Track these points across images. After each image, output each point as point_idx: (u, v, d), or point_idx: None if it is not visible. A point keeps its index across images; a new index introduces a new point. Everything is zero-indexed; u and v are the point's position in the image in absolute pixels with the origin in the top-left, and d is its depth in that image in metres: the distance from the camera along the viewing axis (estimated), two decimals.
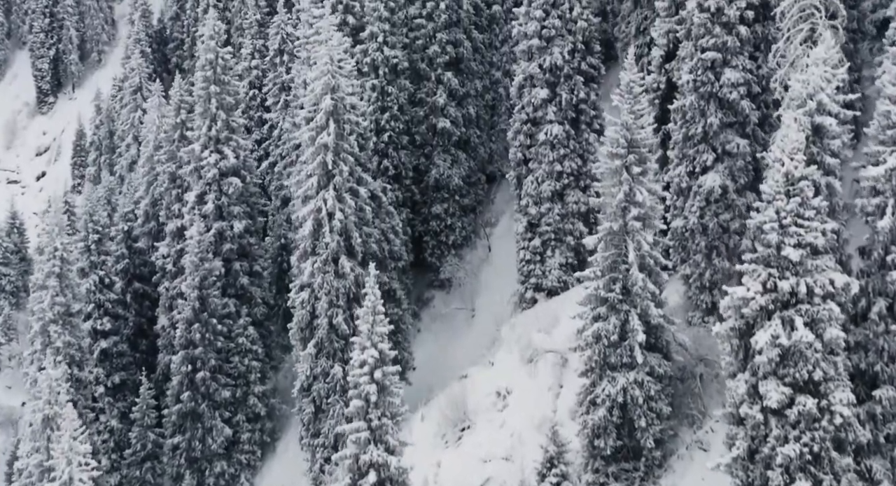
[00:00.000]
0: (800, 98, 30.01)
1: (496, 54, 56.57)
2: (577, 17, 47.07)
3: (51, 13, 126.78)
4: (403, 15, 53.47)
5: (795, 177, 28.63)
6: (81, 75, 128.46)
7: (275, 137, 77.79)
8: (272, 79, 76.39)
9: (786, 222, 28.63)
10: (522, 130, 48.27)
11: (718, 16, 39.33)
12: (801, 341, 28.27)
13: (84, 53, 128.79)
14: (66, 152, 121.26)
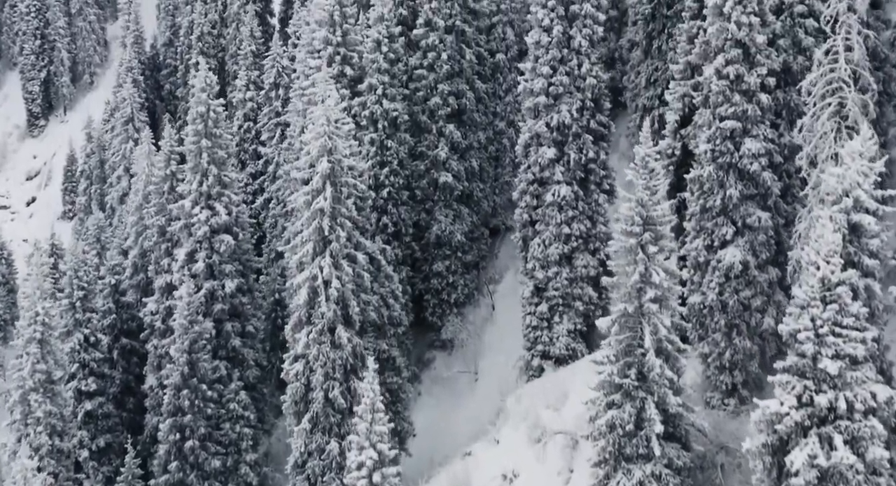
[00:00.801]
0: (835, 194, 27.74)
1: (500, 104, 54.28)
2: (585, 74, 44.77)
3: (42, 35, 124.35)
4: (404, 66, 51.11)
5: (832, 282, 26.36)
6: (73, 98, 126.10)
7: (270, 172, 76.19)
8: (267, 113, 74.80)
9: (822, 331, 26.36)
10: (529, 191, 45.96)
11: (738, 83, 37.09)
12: (842, 462, 25.98)
13: (76, 75, 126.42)
14: (56, 177, 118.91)
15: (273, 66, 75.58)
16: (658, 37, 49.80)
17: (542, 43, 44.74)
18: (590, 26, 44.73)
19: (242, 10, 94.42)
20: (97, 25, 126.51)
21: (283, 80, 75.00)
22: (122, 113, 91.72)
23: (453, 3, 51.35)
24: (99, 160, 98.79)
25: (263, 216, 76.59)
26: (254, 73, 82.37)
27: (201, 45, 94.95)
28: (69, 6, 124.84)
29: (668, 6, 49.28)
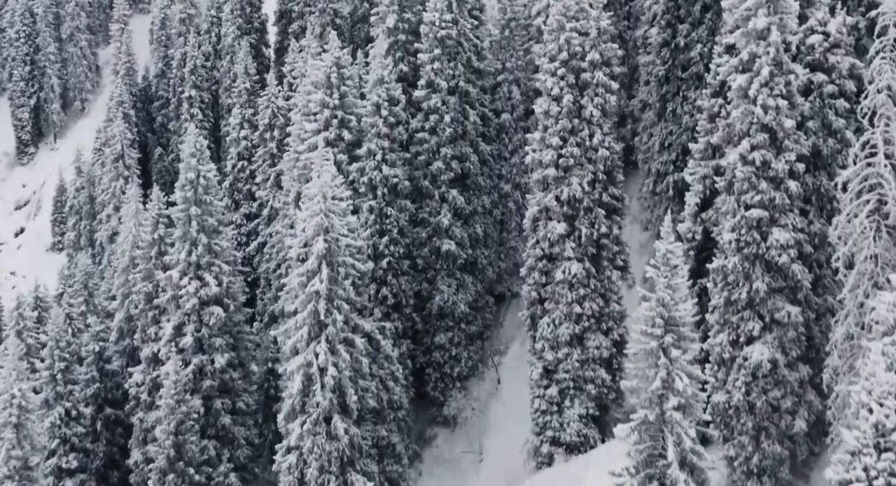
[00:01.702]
0: (886, 323, 25.07)
1: (505, 166, 51.55)
2: (598, 145, 42.15)
3: (32, 61, 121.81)
4: (404, 128, 48.42)
5: (887, 428, 23.68)
6: (64, 125, 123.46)
7: (264, 216, 73.68)
8: (262, 154, 72.55)
9: (877, 484, 23.67)
10: (537, 267, 43.29)
11: (764, 170, 34.53)
12: None
13: (66, 102, 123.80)
14: (46, 207, 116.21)
15: (268, 107, 73.42)
16: (672, 100, 47.19)
17: (551, 112, 42.14)
18: (602, 95, 42.14)
19: (237, 42, 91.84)
20: (88, 51, 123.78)
21: (277, 120, 72.93)
22: (112, 150, 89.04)
23: (456, 63, 48.62)
24: (89, 196, 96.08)
25: (258, 261, 74.39)
26: (248, 110, 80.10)
27: (194, 79, 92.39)
28: (60, 32, 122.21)
29: (682, 68, 46.69)
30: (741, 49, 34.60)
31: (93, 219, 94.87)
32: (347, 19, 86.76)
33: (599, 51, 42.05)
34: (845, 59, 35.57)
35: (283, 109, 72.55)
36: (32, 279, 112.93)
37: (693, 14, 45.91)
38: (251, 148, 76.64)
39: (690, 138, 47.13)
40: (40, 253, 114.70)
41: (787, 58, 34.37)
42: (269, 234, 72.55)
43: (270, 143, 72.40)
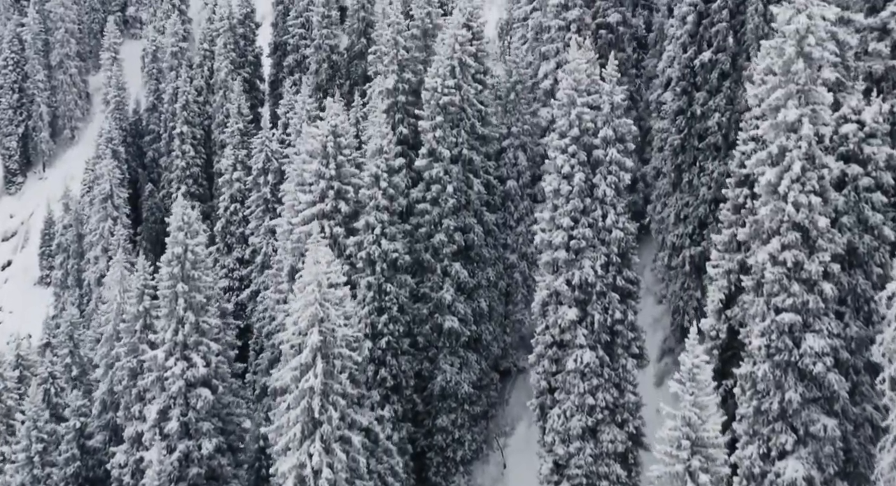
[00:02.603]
0: None
1: (511, 235, 48.85)
2: (611, 226, 39.44)
3: (20, 88, 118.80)
4: (404, 199, 45.67)
5: None
6: (53, 154, 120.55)
7: (258, 263, 71.22)
8: (255, 199, 70.16)
9: None
10: (547, 355, 40.55)
11: (797, 271, 31.86)
12: None
13: (56, 130, 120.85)
14: (34, 238, 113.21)
15: (262, 150, 71.11)
16: (689, 170, 44.55)
17: (561, 191, 39.43)
18: (616, 173, 39.45)
19: (230, 77, 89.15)
20: (78, 78, 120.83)
21: (271, 164, 70.61)
22: (100, 189, 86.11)
23: (459, 129, 45.85)
24: (76, 234, 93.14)
25: (250, 310, 71.92)
26: (241, 151, 77.75)
27: (186, 114, 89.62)
28: (49, 59, 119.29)
29: (699, 138, 44.04)
30: (770, 141, 31.97)
31: (80, 258, 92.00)
32: (344, 55, 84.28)
33: (613, 127, 39.38)
34: (882, 150, 32.91)
35: (276, 153, 70.49)
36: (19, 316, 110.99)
37: (710, 82, 43.29)
38: (244, 190, 74.39)
39: (708, 211, 44.62)
40: (27, 287, 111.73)
41: (820, 150, 31.76)
42: (262, 282, 70.28)
43: (264, 188, 70.13)
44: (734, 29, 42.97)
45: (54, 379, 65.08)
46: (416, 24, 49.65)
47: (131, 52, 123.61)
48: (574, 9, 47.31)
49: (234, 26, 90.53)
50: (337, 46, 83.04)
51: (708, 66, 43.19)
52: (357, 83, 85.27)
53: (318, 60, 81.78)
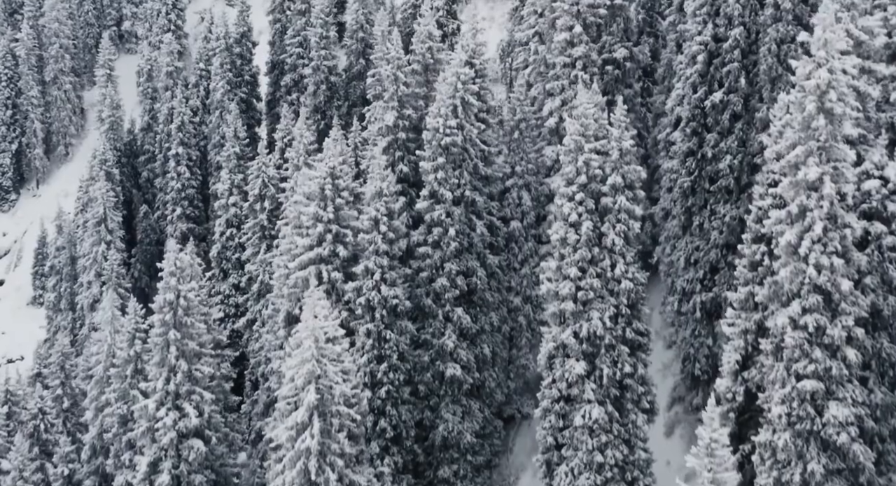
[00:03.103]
0: None
1: (515, 277, 47.29)
2: (620, 276, 37.86)
3: (14, 104, 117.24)
4: (405, 243, 44.08)
5: None
6: (46, 170, 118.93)
7: (254, 291, 69.85)
8: (252, 226, 68.85)
9: None
10: (553, 410, 38.91)
11: (818, 336, 30.30)
12: None
13: (50, 147, 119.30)
14: (27, 258, 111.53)
15: (258, 176, 69.76)
16: (699, 213, 43.02)
17: (568, 240, 37.85)
18: (625, 222, 37.87)
19: (226, 97, 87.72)
20: (73, 94, 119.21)
21: (268, 190, 69.31)
22: (94, 213, 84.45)
23: (462, 170, 44.25)
24: (70, 257, 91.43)
25: (246, 339, 70.52)
26: (237, 175, 76.51)
27: (181, 135, 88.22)
28: (43, 74, 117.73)
29: (710, 180, 42.49)
30: (789, 200, 30.44)
31: (74, 281, 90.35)
32: (342, 76, 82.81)
33: (622, 173, 37.81)
34: None
35: (273, 179, 69.24)
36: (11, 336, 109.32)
37: (721, 123, 41.76)
38: (240, 215, 73.06)
39: (720, 256, 43.11)
40: (20, 307, 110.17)
41: (842, 208, 30.24)
42: (258, 311, 68.96)
43: (261, 214, 68.93)
44: (746, 69, 41.48)
45: (44, 415, 63.70)
46: (417, 59, 48.13)
47: (127, 67, 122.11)
48: (580, 46, 45.75)
49: (231, 46, 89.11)
50: (335, 67, 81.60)
51: (719, 107, 41.67)
52: (355, 104, 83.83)
53: (315, 82, 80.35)
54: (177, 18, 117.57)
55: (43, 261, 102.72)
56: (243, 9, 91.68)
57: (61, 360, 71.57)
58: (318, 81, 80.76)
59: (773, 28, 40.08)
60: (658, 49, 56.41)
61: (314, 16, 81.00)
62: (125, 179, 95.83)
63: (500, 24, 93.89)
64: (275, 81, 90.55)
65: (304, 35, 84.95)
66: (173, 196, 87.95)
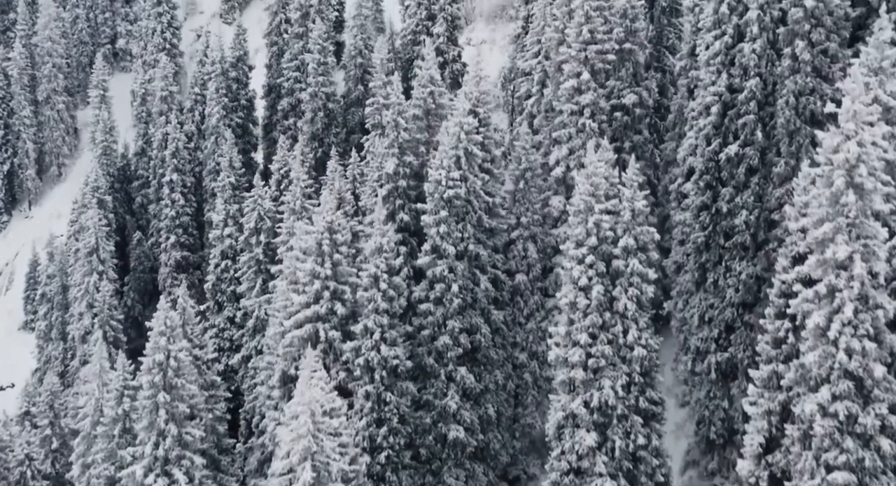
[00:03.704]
0: None
1: (520, 332, 45.37)
2: (633, 343, 35.99)
3: (5, 125, 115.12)
4: (406, 300, 42.18)
5: None
6: (39, 191, 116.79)
7: (249, 327, 68.13)
8: (247, 261, 67.04)
9: None
10: (563, 483, 36.93)
11: (850, 424, 28.44)
12: None
13: (42, 167, 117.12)
14: (18, 281, 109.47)
15: (254, 209, 68.05)
16: (713, 269, 41.11)
17: (578, 305, 35.94)
18: (637, 286, 35.98)
19: (222, 123, 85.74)
20: (66, 114, 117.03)
21: (264, 223, 67.57)
22: (85, 242, 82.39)
23: (465, 223, 42.35)
24: (61, 285, 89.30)
25: (241, 375, 68.73)
26: (233, 206, 74.69)
27: (176, 162, 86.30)
28: (35, 94, 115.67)
29: (725, 236, 40.59)
30: (817, 278, 28.60)
31: (65, 310, 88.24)
32: (340, 102, 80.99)
33: (634, 235, 35.94)
34: None
35: (269, 212, 67.60)
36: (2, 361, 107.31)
37: (737, 177, 39.86)
38: (235, 247, 71.31)
39: (735, 315, 41.19)
40: (12, 331, 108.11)
41: (873, 288, 28.39)
42: (254, 347, 67.24)
43: (256, 248, 67.16)
44: (763, 122, 39.58)
45: (31, 461, 61.95)
46: (418, 104, 46.22)
47: (121, 86, 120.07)
48: (588, 93, 43.82)
49: (227, 70, 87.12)
50: (333, 94, 79.79)
51: (734, 160, 39.77)
52: (354, 131, 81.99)
53: (313, 108, 78.49)
54: (172, 37, 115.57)
55: (35, 285, 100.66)
56: (239, 32, 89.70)
57: (50, 399, 69.81)
58: (316, 107, 78.93)
59: (791, 80, 38.23)
60: (666, 85, 54.67)
61: (312, 41, 79.11)
62: (118, 204, 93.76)
63: (501, 47, 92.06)
64: (271, 105, 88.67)
65: (301, 59, 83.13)
66: (167, 224, 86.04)
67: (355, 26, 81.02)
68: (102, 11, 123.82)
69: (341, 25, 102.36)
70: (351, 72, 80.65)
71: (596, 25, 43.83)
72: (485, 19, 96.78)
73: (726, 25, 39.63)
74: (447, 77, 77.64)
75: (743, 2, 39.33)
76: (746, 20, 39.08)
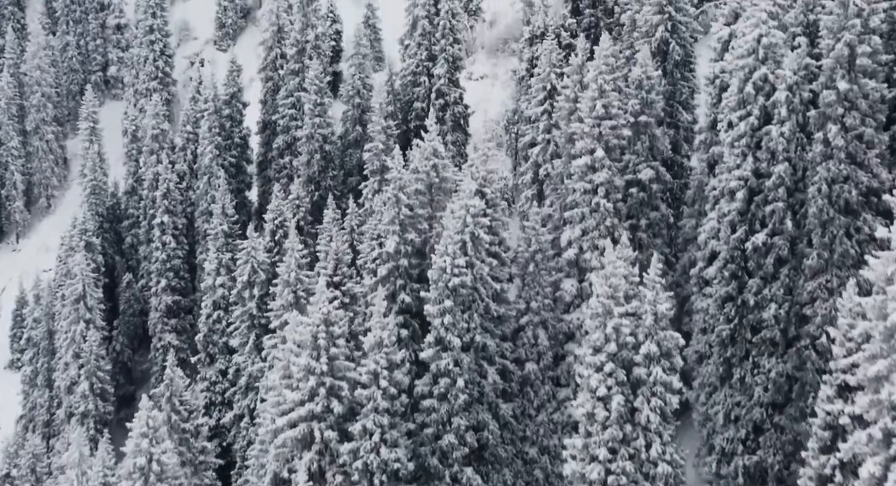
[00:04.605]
0: None
1: (531, 425, 42.43)
2: (656, 459, 33.12)
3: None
4: (407, 397, 39.27)
5: None
6: (27, 224, 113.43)
7: (241, 384, 65.54)
8: (240, 315, 64.61)
9: None
10: None
11: None
12: None
13: (30, 199, 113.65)
14: (5, 318, 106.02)
15: (247, 262, 65.68)
16: (740, 365, 38.26)
17: (597, 417, 33.12)
18: (661, 395, 33.20)
19: (215, 162, 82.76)
20: (55, 144, 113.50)
21: (257, 276, 65.20)
22: (72, 290, 79.31)
23: (472, 312, 39.44)
24: (47, 330, 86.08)
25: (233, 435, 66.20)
26: (225, 255, 72.26)
27: (167, 203, 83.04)
28: (24, 124, 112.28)
29: (752, 330, 37.74)
30: (871, 420, 25.81)
31: (51, 355, 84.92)
32: (337, 144, 78.10)
33: (657, 340, 33.16)
34: None
35: (263, 264, 65.14)
36: None
37: (765, 268, 37.01)
38: (228, 297, 68.75)
39: (765, 416, 38.30)
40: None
41: None
42: (246, 405, 64.68)
43: (249, 302, 64.87)
44: (792, 209, 36.79)
45: None
46: (421, 178, 43.35)
47: (113, 115, 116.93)
48: (602, 171, 40.82)
49: (220, 108, 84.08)
50: (330, 135, 76.87)
51: (762, 250, 36.92)
52: (351, 173, 78.99)
53: (309, 151, 75.48)
54: (165, 65, 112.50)
55: (21, 323, 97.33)
56: (233, 68, 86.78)
57: (32, 462, 67.25)
58: (312, 149, 76.07)
59: (824, 166, 35.45)
60: (679, 142, 51.97)
61: (308, 81, 76.25)
62: (107, 245, 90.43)
63: (503, 82, 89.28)
64: (266, 142, 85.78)
65: (297, 96, 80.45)
66: (158, 267, 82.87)
67: (353, 65, 78.10)
68: (93, 38, 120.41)
69: (338, 55, 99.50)
70: (349, 112, 77.71)
71: (611, 100, 41.03)
72: (486, 52, 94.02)
73: (752, 106, 36.81)
74: (448, 119, 75.07)
75: (769, 81, 36.52)
76: (774, 101, 36.31)
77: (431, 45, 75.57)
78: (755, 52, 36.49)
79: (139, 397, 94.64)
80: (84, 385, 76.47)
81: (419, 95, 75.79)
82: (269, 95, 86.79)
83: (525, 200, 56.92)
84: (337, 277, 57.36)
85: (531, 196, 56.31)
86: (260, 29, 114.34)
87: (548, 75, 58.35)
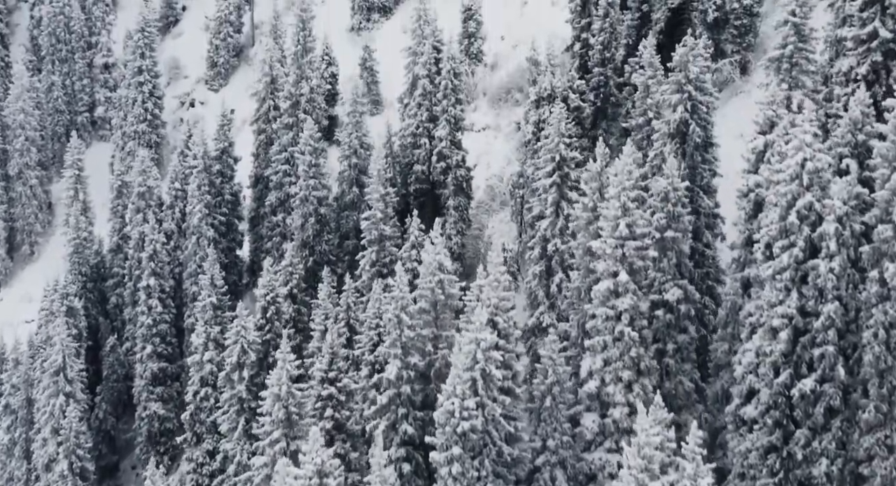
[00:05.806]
0: None
1: None
2: None
3: None
4: None
5: None
6: (9, 272, 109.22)
7: (230, 472, 61.97)
8: (228, 399, 61.22)
9: None
10: None
11: None
12: None
13: (13, 246, 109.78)
14: None
15: (237, 342, 62.47)
16: None
17: None
18: None
19: (204, 222, 78.81)
20: (39, 189, 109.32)
21: (247, 358, 61.85)
22: (52, 361, 74.94)
23: (483, 458, 35.45)
24: (26, 398, 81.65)
25: None
26: (214, 329, 68.94)
27: (153, 265, 78.88)
28: (7, 168, 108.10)
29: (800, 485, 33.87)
30: None
31: (30, 425, 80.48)
32: (333, 206, 74.25)
33: None
34: None
35: (254, 344, 61.81)
36: None
37: (814, 417, 33.09)
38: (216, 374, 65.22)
39: None
40: None
41: None
42: None
43: (239, 385, 61.88)
44: (844, 354, 32.88)
45: None
46: (425, 296, 39.43)
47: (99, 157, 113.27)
48: (626, 296, 36.80)
49: (210, 165, 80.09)
50: (325, 198, 72.96)
51: (810, 398, 33.01)
52: (347, 236, 75.15)
53: (304, 214, 71.74)
54: (154, 107, 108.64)
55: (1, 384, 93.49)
56: (224, 122, 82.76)
57: None
58: (307, 212, 72.50)
59: (880, 309, 31.54)
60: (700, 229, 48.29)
61: (303, 142, 72.45)
62: (91, 305, 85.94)
63: (506, 134, 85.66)
64: (259, 197, 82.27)
65: (291, 151, 76.85)
66: (143, 332, 78.68)
67: (350, 124, 74.13)
68: (80, 78, 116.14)
69: (334, 98, 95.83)
70: (345, 173, 73.91)
71: (635, 218, 37.14)
72: (488, 101, 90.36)
73: (796, 236, 32.91)
74: (450, 183, 71.49)
75: (815, 210, 32.63)
76: (821, 233, 32.42)
77: (433, 105, 71.73)
78: (799, 178, 32.64)
79: (123, 468, 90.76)
80: (63, 465, 72.48)
81: (419, 157, 72.14)
82: (262, 148, 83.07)
83: (533, 276, 53.90)
84: (332, 372, 53.92)
85: (539, 273, 53.39)
86: (253, 68, 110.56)
87: (556, 146, 55.31)
